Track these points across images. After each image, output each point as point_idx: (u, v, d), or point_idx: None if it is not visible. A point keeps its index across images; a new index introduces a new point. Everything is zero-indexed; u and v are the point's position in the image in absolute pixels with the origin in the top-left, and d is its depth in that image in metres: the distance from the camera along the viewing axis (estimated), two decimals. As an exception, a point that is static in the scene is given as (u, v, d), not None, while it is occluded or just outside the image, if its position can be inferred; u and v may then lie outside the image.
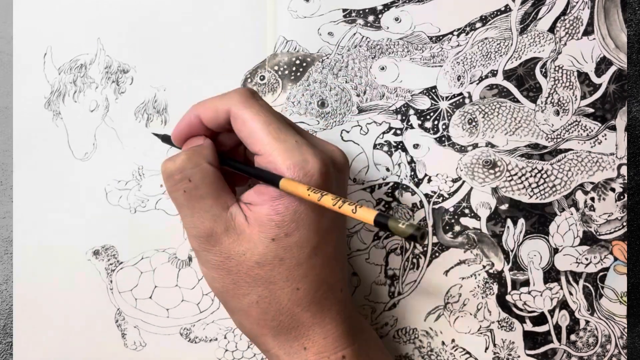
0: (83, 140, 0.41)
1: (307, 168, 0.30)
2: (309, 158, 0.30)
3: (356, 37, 0.41)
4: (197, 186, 0.31)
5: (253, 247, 0.31)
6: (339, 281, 0.33)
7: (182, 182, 0.31)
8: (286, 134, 0.31)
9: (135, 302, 0.41)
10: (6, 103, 0.41)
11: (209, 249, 0.32)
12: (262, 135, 0.31)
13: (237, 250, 0.31)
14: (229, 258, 0.31)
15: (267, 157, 0.31)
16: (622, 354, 0.42)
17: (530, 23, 0.41)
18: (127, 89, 0.41)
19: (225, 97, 0.32)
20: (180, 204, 0.32)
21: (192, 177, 0.31)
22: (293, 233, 0.31)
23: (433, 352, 0.42)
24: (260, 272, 0.31)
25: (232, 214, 0.31)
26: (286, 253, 0.31)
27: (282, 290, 0.31)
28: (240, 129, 0.32)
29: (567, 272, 0.42)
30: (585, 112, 0.42)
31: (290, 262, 0.31)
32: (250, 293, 0.32)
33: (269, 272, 0.31)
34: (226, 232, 0.31)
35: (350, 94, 0.42)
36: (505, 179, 0.42)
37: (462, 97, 0.42)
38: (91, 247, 0.41)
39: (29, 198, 0.41)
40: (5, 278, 0.42)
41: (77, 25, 0.41)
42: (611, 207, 0.42)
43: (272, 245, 0.31)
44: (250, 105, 0.31)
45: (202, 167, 0.32)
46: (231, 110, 0.32)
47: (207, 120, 0.33)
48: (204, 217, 0.31)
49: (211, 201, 0.31)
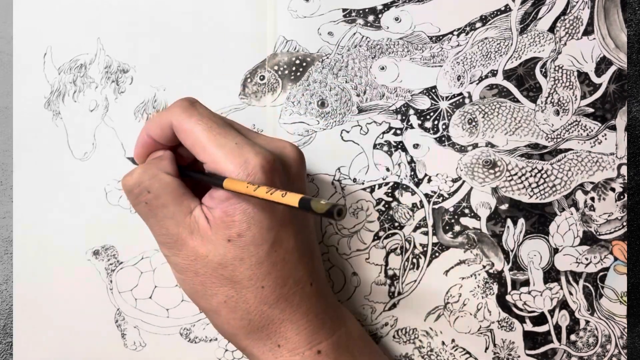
0: (83, 140, 0.41)
1: (248, 168, 0.31)
2: (250, 157, 0.31)
3: (356, 37, 0.41)
4: (157, 196, 0.32)
5: (214, 248, 0.31)
6: (306, 275, 0.33)
7: (142, 194, 0.32)
8: (226, 138, 0.32)
9: (135, 302, 0.41)
10: (6, 103, 0.41)
11: (176, 253, 0.33)
12: (205, 142, 0.31)
13: (201, 252, 0.32)
14: (195, 260, 0.32)
15: (212, 164, 0.31)
16: (622, 354, 0.42)
17: (530, 23, 0.41)
18: (126, 88, 0.41)
19: (167, 111, 0.33)
20: (144, 215, 0.33)
21: (151, 188, 0.32)
22: (245, 232, 0.31)
23: (433, 352, 0.42)
24: (224, 272, 0.32)
25: (195, 218, 0.32)
26: (244, 252, 0.31)
27: (248, 289, 0.32)
28: (184, 139, 0.32)
29: (567, 272, 0.42)
30: (585, 112, 0.42)
31: (250, 260, 0.31)
32: (218, 293, 0.32)
33: (231, 272, 0.32)
34: (191, 236, 0.32)
35: (350, 94, 0.42)
36: (505, 179, 0.42)
37: (462, 97, 0.42)
38: (91, 247, 0.41)
39: (29, 198, 0.41)
40: (5, 278, 0.42)
41: (77, 25, 0.41)
42: (611, 207, 0.42)
43: (229, 246, 0.31)
44: (189, 115, 0.32)
45: (159, 177, 0.32)
46: (173, 123, 0.33)
47: (156, 137, 0.34)
48: (168, 223, 0.32)
49: (173, 208, 0.32)
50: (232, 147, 0.31)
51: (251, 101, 0.41)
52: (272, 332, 0.33)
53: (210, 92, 0.41)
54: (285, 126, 0.41)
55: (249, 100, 0.41)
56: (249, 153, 0.31)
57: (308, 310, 0.33)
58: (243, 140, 0.32)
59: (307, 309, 0.33)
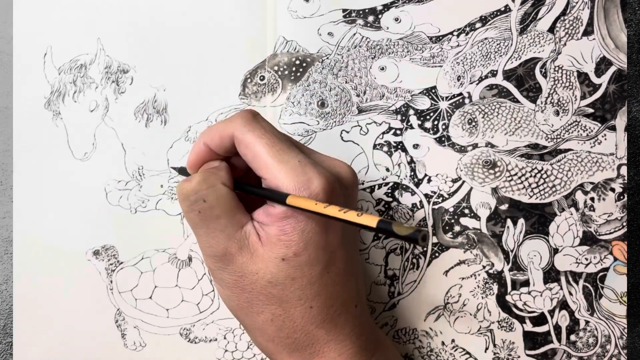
0: (83, 140, 0.41)
1: (311, 188, 0.30)
2: (313, 177, 0.30)
3: (356, 37, 0.41)
4: (211, 206, 0.32)
5: (265, 266, 0.31)
6: (353, 297, 0.33)
7: (197, 202, 0.32)
8: (289, 155, 0.31)
9: (135, 302, 0.41)
10: (6, 103, 0.41)
11: (223, 268, 0.32)
12: (266, 157, 0.31)
13: (250, 269, 0.31)
14: (242, 277, 0.32)
15: (273, 180, 0.31)
16: (622, 354, 0.42)
17: (530, 23, 0.42)
18: (127, 89, 0.41)
19: (229, 122, 0.33)
20: (195, 224, 0.32)
21: (207, 198, 0.32)
22: (302, 252, 0.31)
23: (433, 352, 0.42)
24: (273, 291, 0.31)
25: (246, 233, 0.32)
26: (297, 272, 0.31)
27: (296, 308, 0.32)
28: (245, 152, 0.32)
29: (567, 272, 0.42)
30: (585, 112, 0.42)
31: (302, 281, 0.31)
32: (265, 311, 0.32)
33: (281, 291, 0.31)
34: (240, 251, 0.31)
35: (350, 94, 0.42)
36: (505, 179, 0.42)
37: (462, 97, 0.42)
38: (91, 247, 0.41)
39: (29, 198, 0.41)
40: (5, 278, 0.42)
41: (77, 25, 0.41)
42: (611, 207, 0.42)
43: (283, 264, 0.31)
44: (252, 129, 0.32)
45: (216, 188, 0.32)
46: (234, 134, 0.32)
47: (214, 147, 0.33)
48: (218, 236, 0.32)
49: (225, 221, 0.32)
50: (294, 165, 0.31)
51: (251, 101, 0.41)
52: (315, 351, 0.32)
53: (210, 92, 0.41)
54: (285, 126, 0.41)
55: (249, 100, 0.41)
56: (312, 173, 0.31)
57: (351, 331, 0.33)
58: (305, 159, 0.31)
59: (350, 331, 0.33)
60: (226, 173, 0.33)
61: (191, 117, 0.41)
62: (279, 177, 0.31)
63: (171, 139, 0.41)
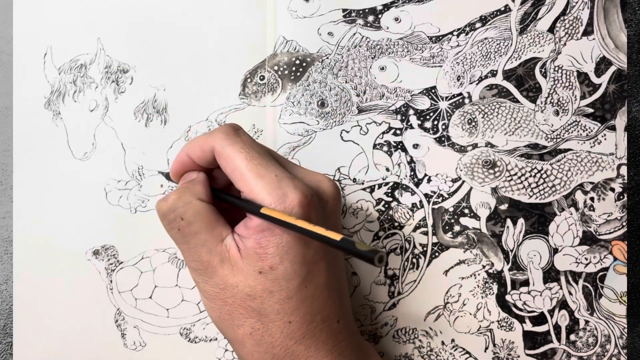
0: (83, 140, 0.41)
1: (286, 202, 0.31)
2: (288, 192, 0.31)
3: (356, 37, 0.41)
4: (189, 223, 0.32)
5: (244, 279, 0.31)
6: (335, 312, 0.33)
7: (175, 221, 0.32)
8: (267, 169, 0.31)
9: (135, 302, 0.41)
10: (6, 103, 0.41)
11: (206, 280, 0.32)
12: (244, 171, 0.31)
13: (231, 281, 0.32)
14: (224, 289, 0.32)
15: (249, 193, 0.31)
16: (621, 354, 0.42)
17: (529, 23, 0.42)
18: (126, 88, 0.41)
19: (210, 135, 0.33)
20: (177, 241, 0.33)
21: (184, 215, 0.32)
22: (278, 266, 0.31)
23: (433, 352, 0.42)
24: (252, 304, 0.31)
25: (227, 246, 0.32)
26: (274, 286, 0.31)
27: (274, 323, 0.32)
28: (224, 165, 0.32)
29: (566, 272, 0.42)
30: (584, 112, 0.42)
31: (280, 294, 0.31)
32: (244, 324, 0.32)
33: (260, 304, 0.31)
34: (221, 264, 0.32)
35: (350, 94, 0.42)
36: (504, 179, 0.42)
37: (461, 97, 0.42)
38: (91, 247, 0.41)
39: (29, 198, 0.41)
40: (5, 278, 0.42)
41: (77, 25, 0.41)
42: (611, 207, 0.42)
43: (260, 278, 0.31)
44: (232, 142, 0.32)
45: (192, 204, 0.32)
46: (215, 148, 0.33)
47: (196, 159, 0.34)
48: (200, 251, 0.32)
49: (205, 235, 0.32)
50: (271, 179, 0.31)
51: (251, 101, 0.41)
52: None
53: (210, 92, 0.41)
54: (285, 126, 0.41)
55: (249, 100, 0.41)
56: (288, 187, 0.31)
57: (333, 347, 0.33)
58: (283, 173, 0.32)
59: (332, 346, 0.33)
60: (203, 187, 0.34)
61: (191, 117, 0.41)
62: (256, 190, 0.31)
63: (171, 139, 0.41)
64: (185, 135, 0.41)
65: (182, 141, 0.41)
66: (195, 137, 0.35)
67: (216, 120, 0.41)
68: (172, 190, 0.34)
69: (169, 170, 0.40)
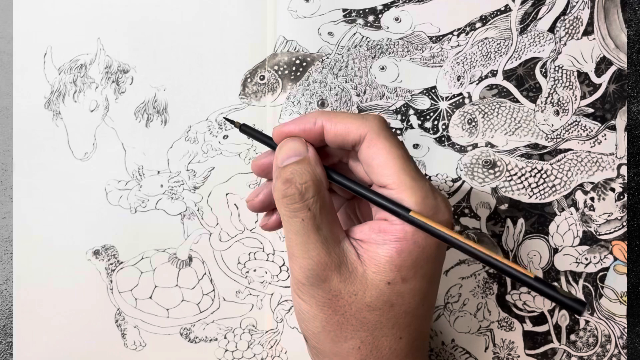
0: (83, 140, 0.41)
1: (438, 215, 0.29)
2: (442, 205, 0.29)
3: (356, 37, 0.41)
4: (315, 215, 0.29)
5: (365, 288, 0.29)
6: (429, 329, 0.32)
7: (301, 210, 0.29)
8: (420, 175, 0.30)
9: (135, 302, 0.41)
10: (6, 103, 0.41)
11: (317, 284, 0.29)
12: (398, 169, 0.29)
13: (348, 289, 0.29)
14: (337, 297, 0.29)
15: (398, 192, 0.29)
16: (622, 353, 0.42)
17: (530, 23, 0.42)
18: (127, 89, 0.41)
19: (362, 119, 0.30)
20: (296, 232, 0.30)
21: (312, 206, 0.29)
22: (410, 279, 0.29)
23: (433, 352, 0.42)
24: (369, 315, 0.29)
25: (345, 250, 0.30)
26: (398, 299, 0.29)
27: (386, 337, 0.29)
28: (374, 157, 0.30)
29: (566, 272, 0.42)
30: (585, 112, 0.42)
31: (400, 309, 0.29)
32: (354, 337, 0.29)
33: (377, 316, 0.29)
34: (338, 269, 0.29)
35: (350, 94, 0.42)
36: (505, 179, 0.42)
37: (461, 97, 0.42)
38: (91, 247, 0.41)
39: (29, 198, 0.41)
40: (5, 278, 0.42)
41: (77, 25, 0.41)
42: (611, 207, 0.42)
43: (387, 289, 0.29)
44: (389, 136, 0.30)
45: (321, 195, 0.30)
46: (369, 135, 0.30)
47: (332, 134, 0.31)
48: (319, 249, 0.29)
49: (327, 233, 0.29)
50: (425, 187, 0.29)
51: (251, 101, 0.41)
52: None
53: (210, 92, 0.41)
54: (285, 126, 0.41)
55: (249, 100, 0.41)
56: (441, 201, 0.29)
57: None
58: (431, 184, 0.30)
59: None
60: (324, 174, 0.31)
61: (191, 117, 0.41)
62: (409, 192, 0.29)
63: (171, 139, 0.41)
64: (185, 135, 0.41)
65: (183, 141, 0.41)
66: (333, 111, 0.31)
67: (216, 120, 0.41)
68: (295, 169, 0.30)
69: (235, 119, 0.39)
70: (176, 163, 0.41)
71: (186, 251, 0.41)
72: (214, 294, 0.41)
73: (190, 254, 0.41)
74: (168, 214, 0.41)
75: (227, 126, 0.41)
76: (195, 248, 0.41)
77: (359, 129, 0.30)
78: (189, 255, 0.41)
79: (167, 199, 0.41)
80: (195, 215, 0.41)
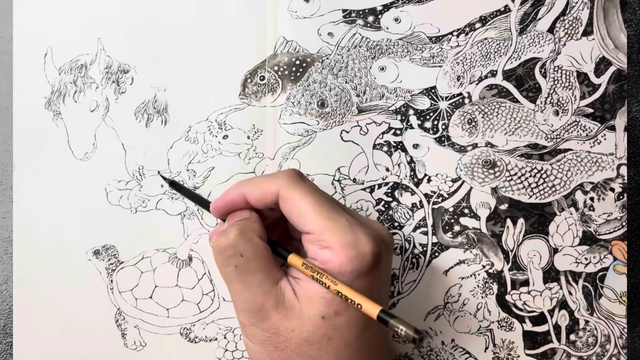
0: (83, 140, 0.41)
1: (360, 248, 0.30)
2: (362, 238, 0.30)
3: (356, 38, 0.41)
4: (248, 260, 0.31)
5: (302, 324, 0.30)
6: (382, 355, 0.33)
7: (234, 257, 0.32)
8: (337, 213, 0.31)
9: (135, 301, 0.41)
10: (6, 103, 0.41)
11: (257, 324, 0.31)
12: (313, 215, 0.31)
13: (285, 326, 0.31)
14: (277, 334, 0.31)
15: (319, 235, 0.31)
16: (621, 353, 0.42)
17: (529, 23, 0.42)
18: (127, 89, 0.41)
19: (274, 178, 0.33)
20: (231, 278, 0.32)
21: (244, 252, 0.32)
22: (343, 312, 0.30)
23: (433, 352, 0.42)
24: (308, 350, 0.30)
25: (282, 289, 0.31)
26: (335, 332, 0.30)
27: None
28: (290, 209, 0.32)
29: (566, 272, 0.42)
30: (584, 112, 0.42)
31: (339, 341, 0.30)
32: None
33: (316, 350, 0.30)
34: (275, 307, 0.31)
35: (350, 94, 0.42)
36: (504, 179, 0.42)
37: (461, 97, 0.42)
38: (91, 247, 0.41)
39: (29, 198, 0.41)
40: (5, 278, 0.42)
41: (77, 25, 0.41)
42: (611, 207, 0.42)
43: (322, 323, 0.30)
44: (299, 187, 0.32)
45: (254, 242, 0.32)
46: (280, 191, 0.32)
47: (253, 199, 0.33)
48: (255, 291, 0.31)
49: (262, 276, 0.31)
50: (343, 224, 0.31)
51: (251, 101, 0.41)
52: None
53: (210, 92, 0.41)
54: (285, 126, 0.41)
55: (249, 100, 0.41)
56: (361, 233, 0.30)
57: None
58: (352, 219, 0.31)
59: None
60: (261, 226, 0.33)
61: (191, 117, 0.41)
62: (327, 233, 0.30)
63: (171, 139, 0.41)
64: (185, 136, 0.41)
65: (183, 141, 0.41)
66: (251, 178, 0.34)
67: (216, 120, 0.41)
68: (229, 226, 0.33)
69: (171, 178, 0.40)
70: (176, 163, 0.41)
71: (186, 251, 0.41)
72: (213, 294, 0.41)
73: (190, 254, 0.41)
74: (168, 214, 0.41)
75: (227, 126, 0.41)
76: (195, 248, 0.41)
77: (272, 189, 0.32)
78: (189, 255, 0.41)
79: (167, 199, 0.41)
80: (195, 215, 0.41)
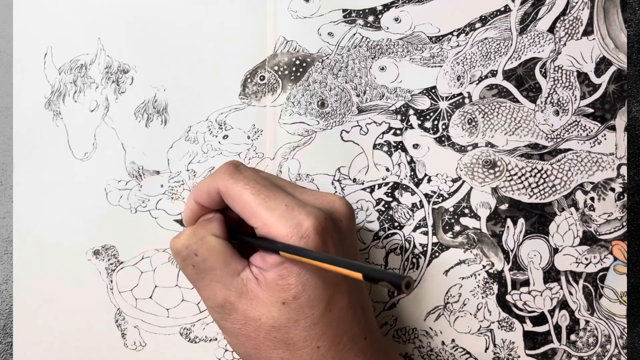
0: (83, 140, 0.41)
1: (301, 231, 0.30)
2: (302, 219, 0.31)
3: (356, 38, 0.41)
4: (204, 259, 0.32)
5: (267, 311, 0.31)
6: (361, 330, 0.33)
7: (189, 257, 0.32)
8: (275, 201, 0.31)
9: (135, 302, 0.41)
10: (6, 103, 0.41)
11: (226, 317, 0.32)
12: (254, 207, 0.31)
13: (252, 315, 0.31)
14: (246, 324, 0.32)
15: (264, 228, 0.31)
16: (622, 353, 0.42)
17: (529, 23, 0.42)
18: (127, 89, 0.41)
19: (213, 177, 0.33)
20: (192, 278, 0.33)
21: (198, 251, 0.32)
22: (301, 295, 0.31)
23: (433, 352, 0.42)
24: (277, 335, 0.31)
25: (244, 280, 0.32)
26: (299, 314, 0.31)
27: (303, 350, 0.31)
28: (233, 205, 0.32)
29: (567, 272, 0.42)
30: (584, 112, 0.42)
31: (305, 322, 0.31)
32: (272, 356, 0.32)
33: (285, 334, 0.31)
34: (239, 299, 0.32)
35: (350, 94, 0.42)
36: (505, 179, 0.42)
37: (461, 97, 0.42)
38: (91, 247, 0.41)
39: (29, 198, 0.41)
40: (5, 278, 0.42)
41: (77, 25, 0.41)
42: (611, 207, 0.42)
43: (284, 308, 0.31)
44: (236, 180, 0.32)
45: (205, 240, 0.32)
46: (219, 189, 0.33)
47: (204, 203, 0.34)
48: (215, 287, 0.32)
49: (220, 271, 0.32)
50: (282, 211, 0.31)
51: (251, 101, 0.41)
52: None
53: (210, 92, 0.41)
54: (285, 126, 0.41)
55: (249, 100, 0.41)
56: (301, 215, 0.31)
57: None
58: (292, 201, 0.32)
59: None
60: (218, 223, 0.33)
61: (191, 117, 0.41)
62: (269, 224, 0.31)
63: (171, 139, 0.41)
64: (185, 136, 0.41)
65: (182, 141, 0.41)
66: (199, 182, 0.35)
67: (216, 120, 0.41)
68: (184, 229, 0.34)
69: None
70: (176, 163, 0.41)
71: (186, 251, 0.41)
72: (214, 294, 0.41)
73: (190, 254, 0.41)
74: (168, 214, 0.41)
75: (227, 126, 0.41)
76: (195, 248, 0.41)
77: (214, 188, 0.33)
78: (189, 255, 0.41)
79: (167, 199, 0.41)
80: (195, 215, 0.41)
